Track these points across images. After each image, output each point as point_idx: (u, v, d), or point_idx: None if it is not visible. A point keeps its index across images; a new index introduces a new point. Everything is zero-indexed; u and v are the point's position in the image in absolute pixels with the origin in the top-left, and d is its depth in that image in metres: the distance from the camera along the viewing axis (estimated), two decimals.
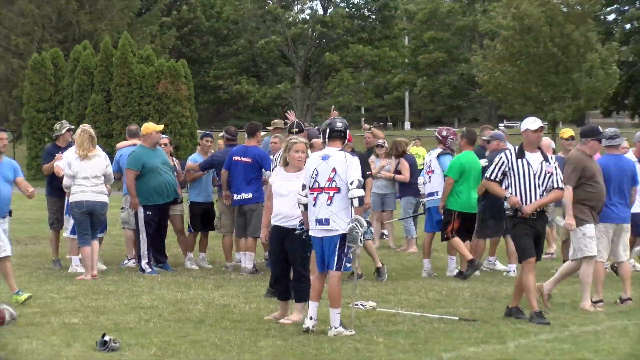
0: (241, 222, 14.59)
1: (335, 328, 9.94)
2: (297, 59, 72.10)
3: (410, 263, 15.97)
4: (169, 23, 64.36)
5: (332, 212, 9.94)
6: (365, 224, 10.01)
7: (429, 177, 14.57)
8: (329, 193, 9.96)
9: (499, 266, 15.12)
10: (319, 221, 10.00)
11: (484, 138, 15.68)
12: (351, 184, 9.85)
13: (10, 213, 12.47)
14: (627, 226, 12.03)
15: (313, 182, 10.07)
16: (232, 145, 15.17)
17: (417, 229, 17.90)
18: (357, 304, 11.42)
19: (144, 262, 14.61)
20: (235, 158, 14.44)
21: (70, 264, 14.92)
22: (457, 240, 14.11)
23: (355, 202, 9.87)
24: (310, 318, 10.05)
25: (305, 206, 10.16)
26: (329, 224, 9.95)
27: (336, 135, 10.26)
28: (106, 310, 11.34)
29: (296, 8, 76.79)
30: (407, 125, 78.61)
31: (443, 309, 11.53)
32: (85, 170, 13.75)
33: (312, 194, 10.06)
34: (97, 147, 14.22)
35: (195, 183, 15.65)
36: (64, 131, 15.42)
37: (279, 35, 70.23)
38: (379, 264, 14.02)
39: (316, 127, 13.87)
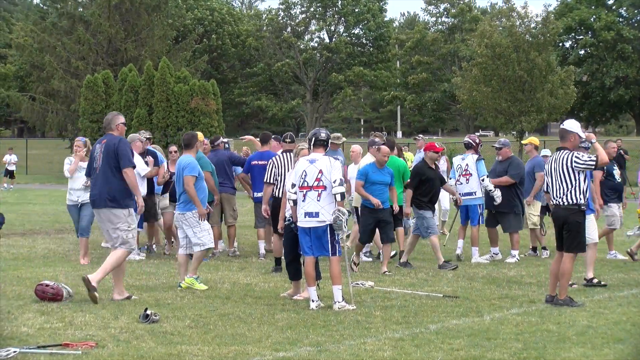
0: (260, 214, 14.48)
1: (339, 302, 9.97)
2: (307, 79, 72.32)
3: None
4: (200, 49, 64.39)
5: (320, 207, 10.04)
6: (346, 212, 10.21)
7: (467, 180, 14.17)
8: (317, 191, 10.06)
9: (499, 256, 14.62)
10: (308, 214, 10.08)
11: (494, 146, 15.38)
12: (334, 182, 9.98)
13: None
14: None
15: (302, 182, 10.14)
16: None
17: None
18: (357, 283, 11.48)
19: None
20: (254, 162, 14.42)
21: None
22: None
23: (338, 197, 10.03)
24: (313, 301, 10.06)
25: (295, 202, 10.27)
26: (318, 217, 10.04)
27: (320, 144, 10.33)
28: (148, 289, 11.38)
29: (306, 37, 76.86)
30: (399, 134, 78.75)
31: (430, 287, 11.53)
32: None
33: (302, 191, 10.15)
34: None
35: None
36: (142, 136, 15.13)
37: (292, 59, 70.56)
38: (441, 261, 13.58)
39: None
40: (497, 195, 13.86)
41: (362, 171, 12.99)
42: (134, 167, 10.70)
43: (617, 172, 14.14)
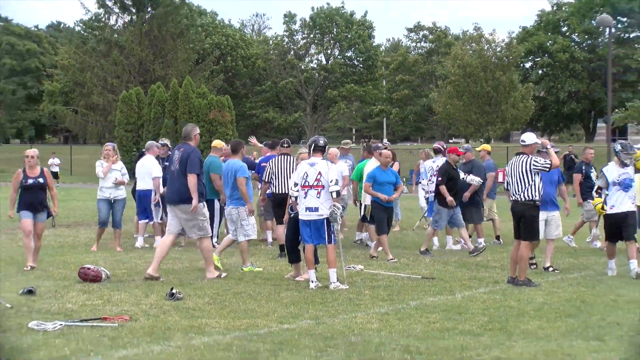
0: (269, 208, 14.48)
1: (334, 283, 9.98)
2: (307, 95, 72.38)
3: (392, 236, 15.85)
4: (217, 69, 64.31)
5: (320, 203, 10.10)
6: (341, 207, 10.26)
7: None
8: (317, 189, 10.13)
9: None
10: (309, 209, 10.14)
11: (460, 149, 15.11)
12: (331, 182, 10.06)
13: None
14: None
15: (304, 182, 10.20)
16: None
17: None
18: (350, 267, 11.46)
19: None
20: (263, 164, 14.41)
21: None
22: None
23: (334, 195, 10.11)
24: (312, 281, 10.07)
25: (296, 198, 10.31)
26: (317, 211, 10.11)
27: (318, 149, 10.43)
28: (173, 271, 11.39)
29: (307, 59, 76.87)
30: (385, 141, 78.59)
31: (410, 270, 11.53)
32: None
33: (304, 190, 10.20)
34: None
35: None
36: (161, 144, 15.12)
37: (295, 78, 70.71)
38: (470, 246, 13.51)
39: (302, 141, 13.69)
40: (473, 179, 13.78)
41: (370, 174, 12.89)
42: (199, 174, 10.72)
43: (593, 174, 14.00)
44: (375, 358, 6.58)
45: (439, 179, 13.29)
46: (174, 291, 9.21)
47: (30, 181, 11.36)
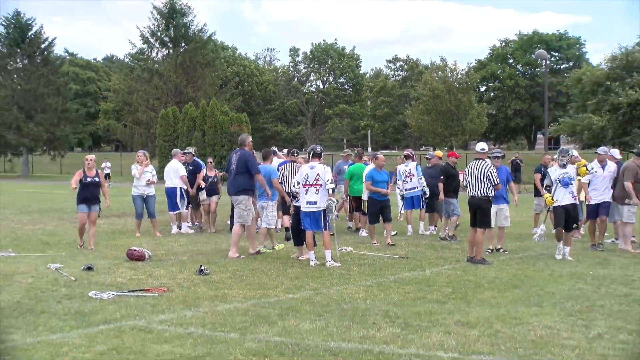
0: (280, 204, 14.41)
1: (329, 261, 9.96)
2: (308, 112, 72.58)
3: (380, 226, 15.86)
4: (236, 92, 64.34)
5: (318, 198, 10.10)
6: (335, 201, 10.31)
7: (410, 179, 13.87)
8: (316, 187, 10.11)
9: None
10: (310, 202, 10.14)
11: (427, 157, 15.07)
12: (327, 181, 10.11)
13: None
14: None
15: (305, 181, 10.20)
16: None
17: None
18: (341, 248, 11.43)
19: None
20: (278, 168, 14.24)
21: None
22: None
23: (330, 191, 10.13)
24: (312, 260, 10.06)
25: (297, 193, 10.33)
26: (316, 204, 10.09)
27: (316, 155, 10.41)
28: (202, 252, 11.35)
29: (307, 84, 76.96)
30: (369, 149, 78.59)
31: (390, 251, 11.50)
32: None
33: (305, 187, 10.19)
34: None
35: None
36: (187, 152, 15.11)
37: (298, 99, 70.83)
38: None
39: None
40: (426, 188, 13.78)
41: (368, 175, 12.75)
42: (259, 172, 11.01)
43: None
44: (362, 321, 6.57)
45: (441, 177, 13.10)
46: (202, 268, 9.19)
47: (88, 179, 11.49)
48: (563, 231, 10.62)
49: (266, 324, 6.42)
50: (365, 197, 13.48)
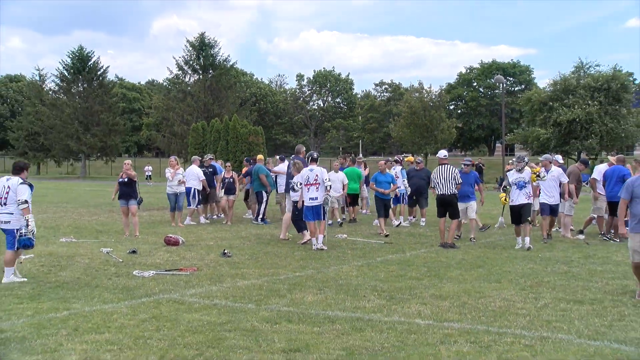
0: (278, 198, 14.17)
1: (318, 244, 9.82)
2: (311, 125, 72.41)
3: (363, 217, 15.76)
4: (254, 109, 64.17)
5: (318, 194, 10.01)
6: (331, 196, 10.43)
7: (396, 180, 13.22)
8: (316, 186, 10.03)
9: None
10: (312, 198, 10.05)
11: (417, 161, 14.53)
12: (325, 180, 10.05)
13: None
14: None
15: (307, 181, 10.10)
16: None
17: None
18: (337, 236, 11.37)
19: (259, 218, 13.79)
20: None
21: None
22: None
23: (328, 188, 10.10)
24: (314, 245, 9.90)
25: (299, 191, 10.26)
26: (317, 200, 10.02)
27: (313, 160, 10.35)
28: (225, 238, 11.30)
29: (311, 103, 76.84)
30: (361, 155, 78.36)
31: (377, 238, 11.42)
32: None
33: (307, 186, 10.10)
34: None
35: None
36: (207, 158, 15.06)
37: (303, 115, 70.69)
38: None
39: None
40: (408, 188, 13.63)
41: (373, 177, 12.61)
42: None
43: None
44: (354, 294, 6.53)
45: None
46: (225, 251, 9.16)
47: (126, 179, 11.43)
48: (520, 226, 10.20)
49: (277, 297, 6.38)
50: (365, 194, 13.34)
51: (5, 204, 7.14)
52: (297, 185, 10.31)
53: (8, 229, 7.17)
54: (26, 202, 7.11)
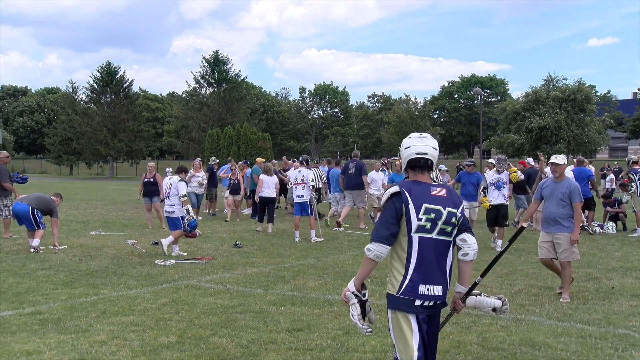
0: (290, 197, 14.11)
1: (314, 238, 9.77)
2: (312, 132, 72.30)
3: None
4: (262, 118, 64.15)
5: (304, 192, 9.99)
6: (316, 195, 10.42)
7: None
8: (302, 185, 9.99)
9: None
10: (298, 196, 10.04)
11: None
12: (310, 180, 9.96)
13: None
14: None
15: (295, 180, 10.10)
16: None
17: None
18: (335, 229, 11.32)
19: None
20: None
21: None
22: None
23: (311, 187, 10.04)
24: (296, 237, 9.78)
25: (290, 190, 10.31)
26: (303, 197, 10.00)
27: (304, 162, 10.44)
28: (237, 231, 11.26)
29: (312, 112, 76.82)
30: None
31: (370, 230, 11.37)
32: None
33: (294, 185, 10.09)
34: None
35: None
36: (211, 162, 14.94)
37: (305, 123, 70.59)
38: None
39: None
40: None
41: (390, 178, 12.45)
42: (366, 174, 11.65)
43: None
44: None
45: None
46: (237, 242, 9.15)
47: (151, 179, 11.56)
48: (495, 227, 9.61)
49: (282, 282, 6.37)
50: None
51: (168, 197, 8.31)
52: (288, 185, 10.39)
53: (172, 217, 8.25)
54: (185, 195, 8.20)
